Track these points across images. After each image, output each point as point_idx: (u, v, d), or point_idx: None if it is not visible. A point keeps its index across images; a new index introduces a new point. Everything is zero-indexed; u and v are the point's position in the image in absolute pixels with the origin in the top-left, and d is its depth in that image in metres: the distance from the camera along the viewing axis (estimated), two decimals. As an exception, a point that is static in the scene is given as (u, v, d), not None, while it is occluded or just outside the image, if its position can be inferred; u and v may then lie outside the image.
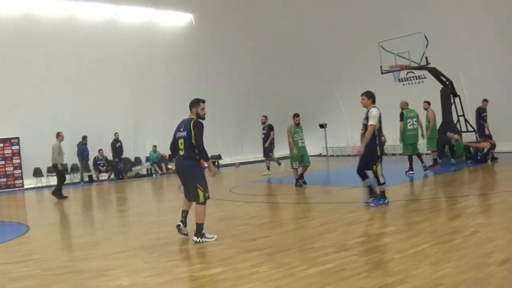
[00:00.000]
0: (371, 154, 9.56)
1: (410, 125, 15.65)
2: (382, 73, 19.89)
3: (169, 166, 25.12)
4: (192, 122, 7.87)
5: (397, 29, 20.03)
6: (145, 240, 8.30)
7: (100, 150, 22.95)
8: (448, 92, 19.71)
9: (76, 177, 23.45)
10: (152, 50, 24.81)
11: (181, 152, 7.90)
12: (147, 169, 25.23)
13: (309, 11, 25.52)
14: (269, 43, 27.58)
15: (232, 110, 28.07)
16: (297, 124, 14.33)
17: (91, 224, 11.16)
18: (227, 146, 28.76)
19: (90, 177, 23.25)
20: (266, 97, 27.71)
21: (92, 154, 23.14)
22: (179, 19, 26.25)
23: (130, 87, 24.44)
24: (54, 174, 17.75)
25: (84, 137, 22.53)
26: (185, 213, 8.15)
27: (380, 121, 9.62)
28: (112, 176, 23.42)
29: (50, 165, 17.74)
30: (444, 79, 19.47)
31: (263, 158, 20.43)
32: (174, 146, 8.15)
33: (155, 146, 24.70)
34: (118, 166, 23.43)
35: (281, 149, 21.80)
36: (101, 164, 23.00)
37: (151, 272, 6.13)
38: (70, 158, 22.48)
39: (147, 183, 21.58)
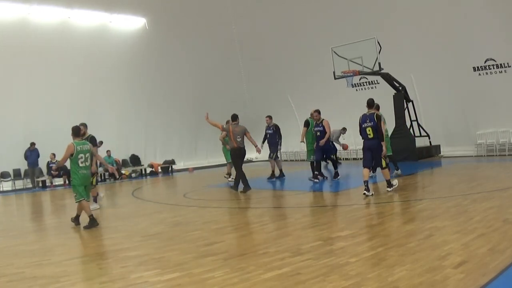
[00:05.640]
0: None
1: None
2: (335, 78, 20.14)
3: (123, 172, 24.85)
4: (375, 115, 11.73)
5: (350, 35, 20.33)
6: (99, 246, 8.27)
7: (52, 154, 22.49)
8: (401, 97, 20.09)
9: (29, 183, 23.10)
10: (105, 54, 24.49)
11: (370, 136, 11.71)
12: (100, 174, 24.81)
13: (262, 15, 25.71)
14: (223, 48, 27.65)
15: (186, 115, 27.93)
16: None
17: (44, 230, 10.99)
18: (181, 151, 28.61)
19: (44, 182, 22.82)
20: (221, 101, 27.74)
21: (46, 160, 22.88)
22: (132, 23, 26.05)
23: (82, 92, 24.08)
24: None
25: (32, 144, 22.22)
26: (366, 182, 11.50)
27: None
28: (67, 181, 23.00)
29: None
30: (397, 85, 19.86)
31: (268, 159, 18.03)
32: (361, 132, 11.94)
33: (109, 151, 24.42)
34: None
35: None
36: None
37: (106, 278, 6.09)
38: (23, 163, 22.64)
39: (100, 188, 21.19)
